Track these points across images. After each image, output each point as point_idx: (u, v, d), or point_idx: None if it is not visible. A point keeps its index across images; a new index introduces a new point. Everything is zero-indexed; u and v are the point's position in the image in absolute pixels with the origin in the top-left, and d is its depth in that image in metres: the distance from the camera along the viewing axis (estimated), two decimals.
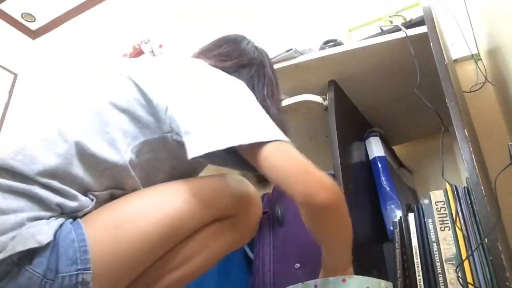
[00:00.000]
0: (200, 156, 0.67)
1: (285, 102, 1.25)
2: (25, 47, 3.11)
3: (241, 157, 0.72)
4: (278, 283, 1.03)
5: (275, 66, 1.25)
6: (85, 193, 0.69)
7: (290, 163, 0.69)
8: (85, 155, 0.69)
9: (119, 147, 0.71)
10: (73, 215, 0.67)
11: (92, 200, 0.69)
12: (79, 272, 0.61)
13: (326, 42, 1.30)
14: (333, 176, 1.09)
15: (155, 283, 0.71)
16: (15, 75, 3.01)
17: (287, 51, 1.23)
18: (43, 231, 0.61)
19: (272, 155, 0.69)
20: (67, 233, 0.63)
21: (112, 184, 0.72)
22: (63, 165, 0.67)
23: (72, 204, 0.67)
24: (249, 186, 0.80)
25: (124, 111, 0.73)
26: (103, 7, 2.89)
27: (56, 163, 0.66)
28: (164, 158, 0.76)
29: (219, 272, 1.17)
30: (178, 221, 0.70)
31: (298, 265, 1.01)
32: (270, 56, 1.26)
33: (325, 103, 1.21)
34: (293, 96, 1.24)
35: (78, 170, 0.68)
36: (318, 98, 1.22)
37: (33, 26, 3.12)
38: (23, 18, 3.06)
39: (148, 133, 0.74)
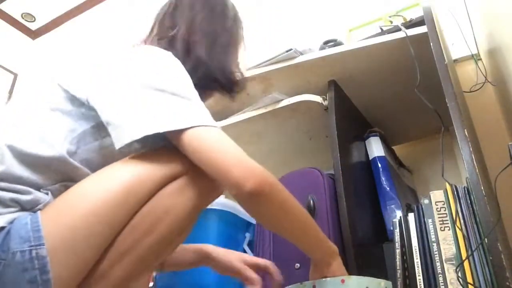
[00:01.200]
0: (127, 144, 0.68)
1: (285, 102, 1.25)
2: (25, 47, 3.11)
3: None
4: None
5: (275, 66, 1.26)
6: (38, 190, 0.70)
7: (214, 152, 0.68)
8: (22, 156, 0.70)
9: (53, 142, 0.72)
10: (35, 210, 0.67)
11: (47, 193, 0.70)
12: (31, 248, 0.61)
13: (326, 42, 1.30)
14: (333, 176, 1.09)
15: (127, 253, 0.69)
16: (15, 75, 3.01)
17: (287, 51, 1.23)
18: None
19: (195, 144, 0.68)
20: (21, 219, 0.64)
21: (62, 177, 0.73)
22: (5, 168, 0.68)
23: (26, 197, 0.67)
24: None
25: (55, 109, 0.75)
26: (103, 7, 2.89)
27: None
28: (110, 144, 0.75)
29: None
30: (128, 185, 0.68)
31: (298, 265, 1.01)
32: (270, 56, 1.27)
33: (325, 103, 1.21)
34: (293, 96, 1.24)
35: (22, 172, 0.69)
36: (318, 98, 1.22)
37: (33, 26, 3.13)
38: (23, 18, 3.06)
39: (85, 123, 0.75)
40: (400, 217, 1.01)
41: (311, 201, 1.07)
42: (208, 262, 0.98)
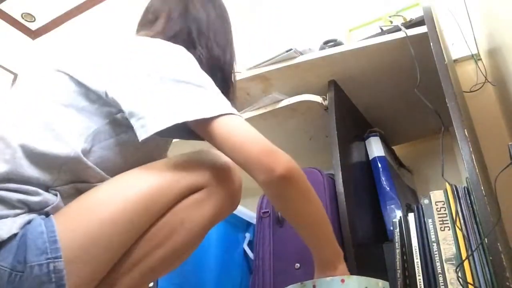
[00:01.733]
0: (151, 135, 0.67)
1: (285, 102, 1.25)
2: (25, 47, 3.11)
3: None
4: (278, 283, 1.03)
5: (275, 66, 1.26)
6: (46, 190, 0.69)
7: (244, 139, 0.69)
8: (34, 156, 0.68)
9: (68, 140, 0.70)
10: (44, 211, 0.67)
11: (55, 195, 0.69)
12: (49, 261, 0.60)
13: (326, 42, 1.30)
14: (333, 176, 1.09)
15: (139, 263, 0.69)
16: (15, 75, 3.01)
17: (287, 51, 1.23)
18: (4, 227, 0.61)
19: (223, 132, 0.69)
20: (36, 226, 0.63)
21: (72, 177, 0.71)
22: (13, 169, 0.67)
23: (35, 199, 0.66)
24: (221, 156, 0.78)
25: (68, 106, 0.73)
26: (103, 7, 2.89)
27: (7, 169, 0.67)
28: (126, 140, 0.75)
29: (219, 272, 1.17)
30: (148, 196, 0.68)
31: (298, 265, 1.02)
32: (270, 56, 1.27)
33: (325, 103, 1.22)
34: (293, 96, 1.24)
35: (31, 171, 0.67)
36: (318, 98, 1.22)
37: (33, 26, 3.12)
38: (23, 18, 3.06)
39: (99, 120, 0.74)
40: (400, 217, 1.01)
41: None
42: None
